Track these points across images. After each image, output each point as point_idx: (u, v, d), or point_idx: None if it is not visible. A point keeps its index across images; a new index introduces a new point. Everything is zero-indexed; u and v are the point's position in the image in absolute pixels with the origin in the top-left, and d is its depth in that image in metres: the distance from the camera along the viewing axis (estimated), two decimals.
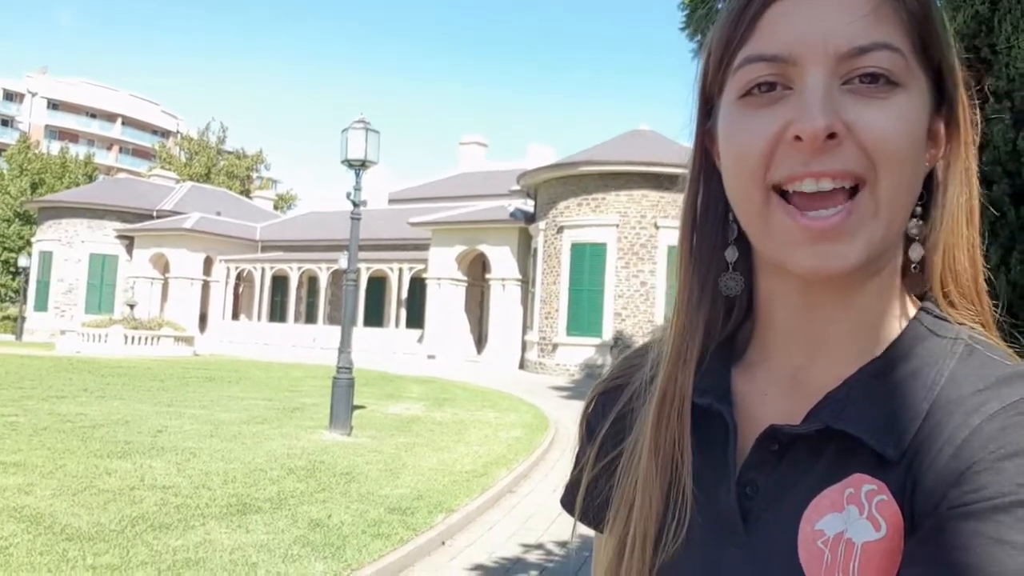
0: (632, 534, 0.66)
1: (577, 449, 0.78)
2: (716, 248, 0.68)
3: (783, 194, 0.58)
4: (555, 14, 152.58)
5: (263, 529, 5.75)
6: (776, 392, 0.66)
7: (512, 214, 27.77)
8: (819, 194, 0.57)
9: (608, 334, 23.59)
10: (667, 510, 0.65)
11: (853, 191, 0.57)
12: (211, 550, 5.19)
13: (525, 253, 27.43)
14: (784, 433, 0.61)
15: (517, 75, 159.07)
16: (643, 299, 23.58)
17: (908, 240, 0.64)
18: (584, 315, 24.01)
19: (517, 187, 28.43)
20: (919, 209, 0.63)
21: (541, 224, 25.60)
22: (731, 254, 0.68)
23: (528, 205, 27.91)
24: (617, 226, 23.74)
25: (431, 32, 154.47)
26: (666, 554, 0.64)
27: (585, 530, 0.78)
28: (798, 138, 0.56)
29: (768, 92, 0.59)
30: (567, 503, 0.77)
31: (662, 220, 23.45)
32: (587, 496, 0.73)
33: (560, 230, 24.64)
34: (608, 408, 0.76)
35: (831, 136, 0.55)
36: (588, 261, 24.05)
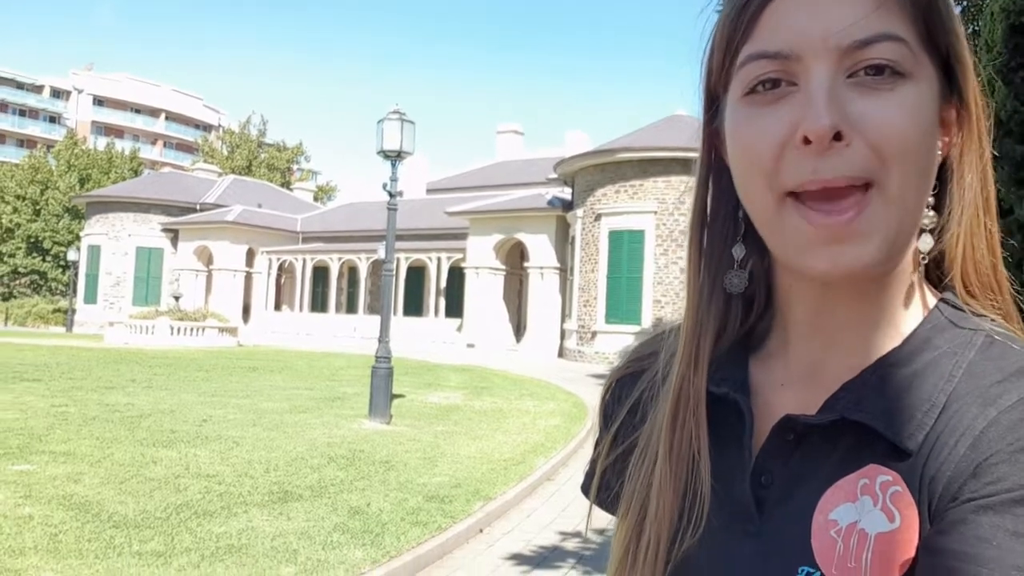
0: (647, 533, 0.66)
1: (597, 436, 0.79)
2: (726, 246, 0.68)
3: (795, 195, 0.57)
4: (591, 0, 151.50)
5: (303, 516, 5.84)
6: (793, 383, 0.66)
7: (550, 202, 27.70)
8: (830, 189, 0.56)
9: (647, 321, 23.45)
10: (683, 510, 0.65)
11: (866, 186, 0.56)
12: (253, 537, 5.29)
13: (563, 241, 27.36)
14: (800, 423, 0.61)
15: (553, 62, 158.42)
16: (682, 286, 23.07)
17: (920, 231, 0.62)
18: (623, 303, 23.92)
19: (554, 175, 28.35)
20: (932, 199, 0.62)
21: (579, 212, 25.51)
22: (738, 251, 0.67)
23: (565, 193, 27.83)
24: (655, 213, 23.57)
25: (467, 21, 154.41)
26: (682, 543, 0.64)
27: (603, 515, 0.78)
28: (807, 140, 0.55)
29: (772, 89, 0.58)
30: (585, 488, 0.78)
31: None
32: (602, 483, 0.75)
33: (598, 218, 24.54)
34: (624, 395, 0.76)
35: (838, 137, 0.54)
36: (626, 248, 23.92)
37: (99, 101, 71.03)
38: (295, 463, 7.68)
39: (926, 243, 0.62)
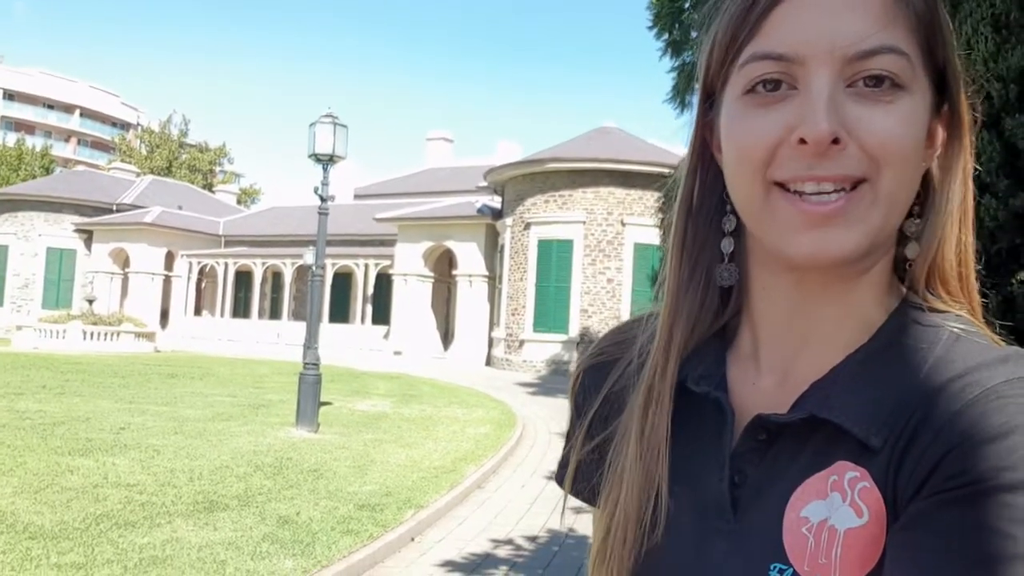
0: (616, 517, 0.67)
1: (568, 426, 0.79)
2: (708, 238, 0.69)
3: (783, 185, 0.59)
4: (523, 11, 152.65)
5: (231, 527, 5.70)
6: (766, 381, 0.67)
7: (479, 210, 27.74)
8: (820, 195, 0.57)
9: (574, 331, 23.67)
10: (650, 497, 0.66)
11: (855, 183, 0.57)
12: (178, 548, 5.13)
13: (492, 250, 27.43)
14: (771, 422, 0.62)
15: (485, 71, 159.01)
16: (609, 296, 23.71)
17: (904, 237, 0.64)
18: (550, 312, 24.09)
19: (484, 183, 28.42)
20: (916, 208, 0.64)
21: (508, 221, 25.61)
22: (727, 245, 0.68)
23: (495, 201, 27.91)
24: (584, 223, 23.85)
25: (399, 26, 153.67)
26: (650, 540, 0.65)
27: (555, 524, 0.79)
28: (802, 141, 0.56)
29: (773, 91, 0.59)
30: (559, 479, 0.78)
31: (628, 217, 23.59)
32: (578, 474, 0.75)
33: (527, 227, 24.68)
34: (595, 385, 0.76)
35: (835, 141, 0.56)
36: (555, 258, 24.12)
37: (9, 95, 67.98)
38: (220, 472, 7.49)
39: (913, 250, 0.64)
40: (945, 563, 0.49)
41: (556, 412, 14.73)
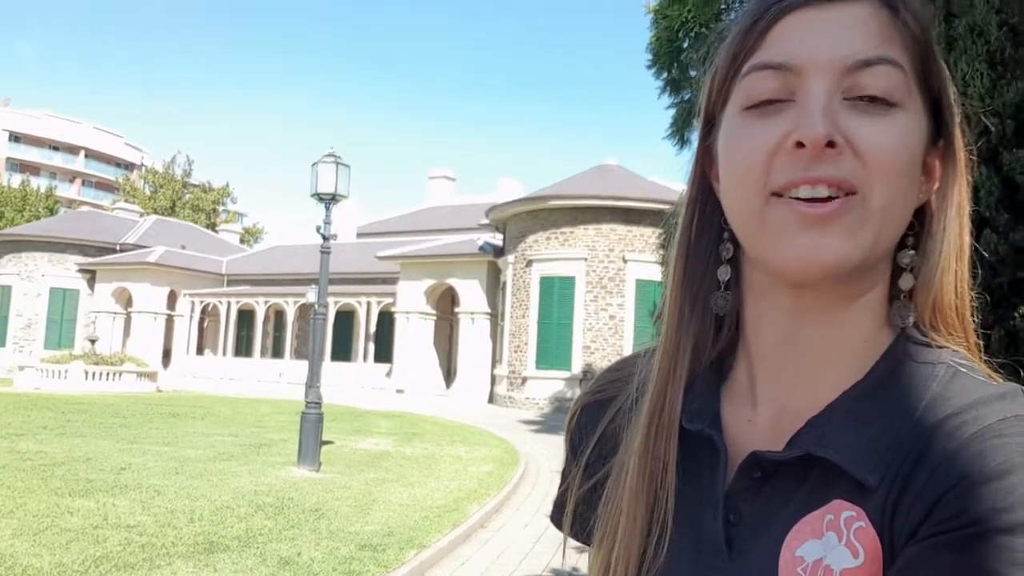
0: (616, 555, 0.66)
1: (563, 465, 0.78)
2: (708, 269, 0.69)
3: (780, 196, 0.59)
4: (524, 49, 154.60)
5: (231, 568, 5.64)
6: (761, 417, 0.66)
7: (481, 248, 27.85)
8: (814, 200, 0.58)
9: (577, 367, 23.61)
10: (651, 533, 0.65)
11: (848, 194, 0.58)
12: None
13: (494, 287, 27.47)
14: (767, 460, 0.61)
15: (487, 109, 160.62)
16: (612, 332, 23.69)
17: (899, 270, 0.64)
18: (553, 348, 24.05)
19: (486, 221, 28.56)
20: (911, 240, 0.64)
21: (510, 258, 25.69)
22: (724, 273, 0.68)
23: (497, 239, 28.02)
24: (586, 259, 23.91)
25: (401, 66, 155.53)
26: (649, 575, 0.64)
27: (559, 564, 0.78)
28: (799, 144, 0.57)
29: (770, 106, 0.60)
30: (556, 520, 0.77)
31: (630, 254, 23.66)
32: (576, 514, 0.74)
33: (529, 264, 24.75)
34: (592, 423, 0.76)
35: (831, 145, 0.56)
36: (557, 294, 24.14)
37: (15, 137, 68.65)
38: (221, 512, 7.43)
39: (907, 282, 0.64)
40: None
41: (559, 450, 14.47)
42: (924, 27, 0.61)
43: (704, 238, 0.70)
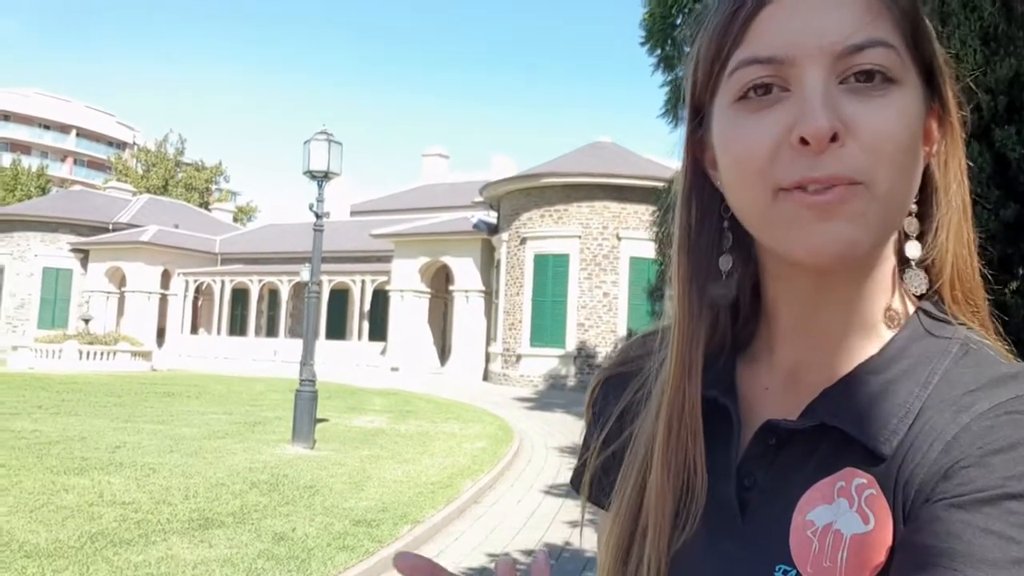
0: (647, 535, 0.67)
1: (584, 432, 0.80)
2: (712, 258, 0.69)
3: (786, 190, 0.59)
4: (518, 26, 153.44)
5: (226, 544, 5.69)
6: (777, 387, 0.68)
7: (475, 226, 27.80)
8: (821, 180, 0.57)
9: (571, 345, 23.68)
10: (678, 512, 0.66)
11: (854, 182, 0.57)
12: (173, 565, 5.12)
13: (488, 265, 27.46)
14: (781, 428, 0.63)
15: (480, 86, 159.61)
16: (606, 309, 23.73)
17: (904, 238, 0.64)
18: (547, 326, 24.09)
19: (480, 199, 28.50)
20: (915, 207, 0.64)
21: (504, 235, 25.66)
22: (724, 263, 0.68)
23: (491, 217, 27.97)
24: (579, 237, 23.90)
25: (394, 44, 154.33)
26: (680, 540, 0.66)
27: (552, 538, 0.80)
28: (803, 141, 0.56)
29: (765, 95, 0.59)
30: (575, 484, 0.79)
31: (624, 231, 23.66)
32: (593, 480, 0.76)
33: (523, 241, 24.73)
34: (613, 395, 0.77)
35: (833, 138, 0.56)
36: (551, 272, 24.15)
37: (5, 116, 68.11)
38: (216, 489, 7.47)
39: (914, 250, 0.64)
40: (949, 565, 0.50)
41: (553, 427, 14.71)
42: None
43: (704, 228, 0.69)
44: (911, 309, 0.65)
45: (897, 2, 0.59)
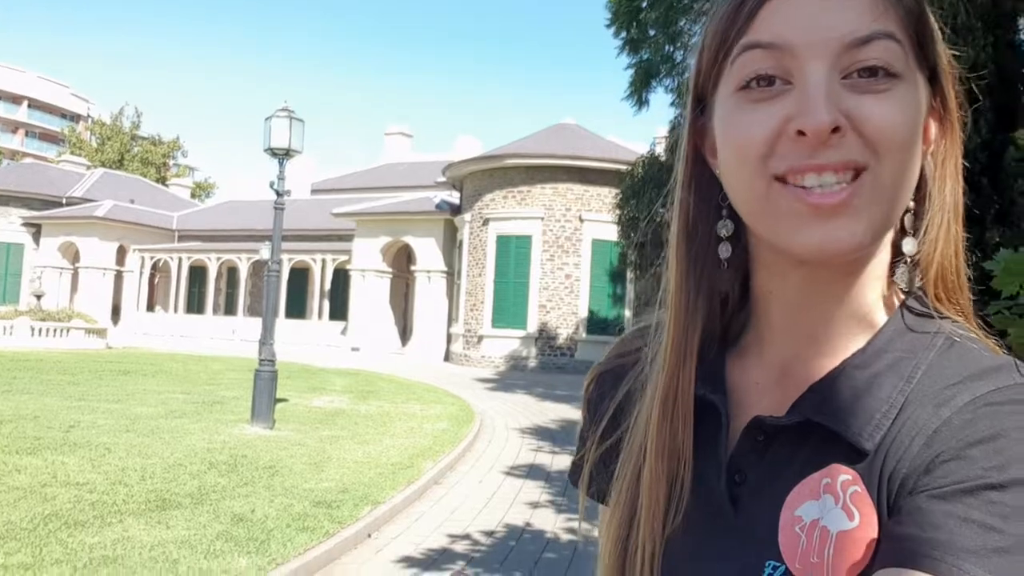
0: (641, 525, 0.68)
1: (580, 427, 0.80)
2: (710, 246, 0.69)
3: (783, 180, 0.59)
4: (481, 6, 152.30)
5: (184, 525, 5.63)
6: (766, 382, 0.68)
7: (438, 206, 27.67)
8: (823, 187, 0.57)
9: (533, 326, 23.76)
10: (670, 500, 0.67)
11: (856, 172, 0.57)
12: (129, 547, 5.06)
13: (451, 245, 27.38)
14: (768, 424, 0.64)
15: (444, 66, 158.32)
16: (568, 291, 23.82)
17: (900, 233, 0.65)
18: (509, 307, 24.12)
19: (443, 179, 28.36)
20: (912, 204, 0.64)
21: (467, 216, 25.58)
22: (724, 251, 0.68)
23: (454, 197, 27.86)
24: (542, 219, 23.91)
25: (357, 19, 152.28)
26: (669, 532, 0.67)
27: (513, 520, 0.80)
28: (801, 133, 0.56)
29: (767, 87, 0.59)
30: (572, 479, 0.80)
31: (587, 213, 23.72)
32: (591, 475, 0.77)
33: (486, 222, 24.68)
34: (610, 389, 0.78)
35: (834, 130, 0.56)
36: (513, 253, 24.15)
37: None
38: (173, 470, 7.38)
39: (910, 246, 0.64)
40: (932, 554, 0.50)
41: (514, 407, 14.77)
42: None
43: (702, 216, 0.69)
44: (897, 304, 0.66)
45: (903, 1, 0.59)
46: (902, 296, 0.66)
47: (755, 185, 0.60)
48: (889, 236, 0.64)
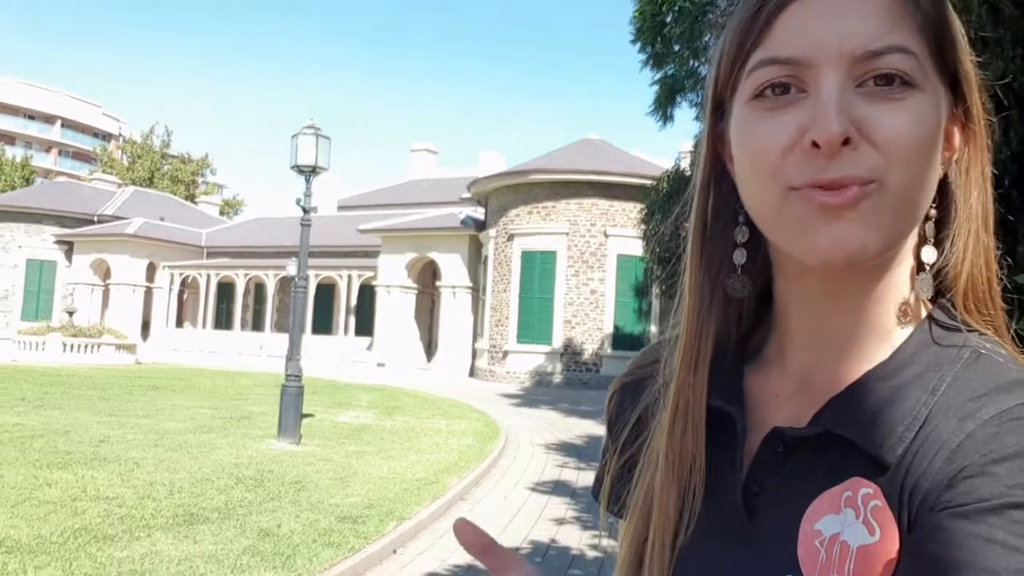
0: (652, 539, 0.68)
1: (604, 442, 0.80)
2: (726, 252, 0.69)
3: (798, 189, 0.58)
4: (507, 22, 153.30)
5: (211, 539, 5.66)
6: (787, 393, 0.67)
7: (463, 221, 27.77)
8: (834, 179, 0.57)
9: (558, 342, 23.72)
10: (681, 511, 0.66)
11: (868, 182, 0.57)
12: (157, 561, 5.09)
13: (475, 261, 27.44)
14: (787, 435, 0.63)
15: (469, 83, 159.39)
16: (592, 307, 23.77)
17: (922, 242, 0.64)
18: (534, 323, 24.11)
19: (468, 195, 28.46)
20: (934, 212, 0.63)
21: (492, 232, 25.64)
22: (739, 257, 0.68)
23: (479, 213, 27.95)
24: (567, 234, 23.92)
25: (383, 37, 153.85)
26: (681, 546, 0.66)
27: (538, 536, 0.79)
28: (815, 144, 0.56)
29: (782, 95, 0.59)
30: (595, 493, 0.79)
31: (611, 228, 23.69)
32: (612, 489, 0.76)
33: (510, 238, 24.72)
34: (629, 402, 0.77)
35: (846, 142, 0.55)
36: (538, 269, 24.17)
37: None
38: (200, 484, 7.44)
39: (930, 255, 0.63)
40: (956, 574, 0.49)
41: (539, 423, 14.73)
42: (937, 2, 0.60)
43: (720, 221, 0.69)
44: (923, 313, 0.64)
45: (920, 8, 0.58)
46: (929, 307, 0.65)
47: (769, 195, 0.60)
48: (912, 244, 0.63)
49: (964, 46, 0.62)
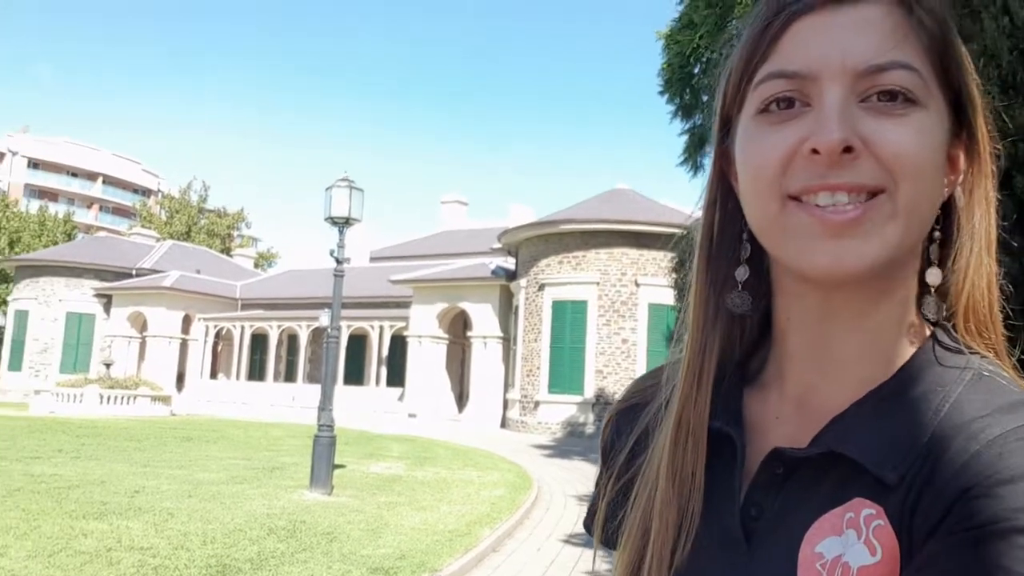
0: (649, 557, 0.67)
1: (598, 472, 0.79)
2: (730, 269, 0.69)
3: (798, 199, 0.59)
4: (536, 74, 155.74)
5: None
6: (787, 414, 0.67)
7: (493, 272, 27.90)
8: (835, 206, 0.58)
9: (590, 391, 23.54)
10: (680, 529, 0.66)
11: (872, 193, 0.57)
12: None
13: (506, 311, 27.48)
14: (788, 456, 0.62)
15: (498, 135, 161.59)
16: (624, 356, 23.62)
17: (926, 264, 0.64)
18: (566, 373, 23.99)
19: (498, 245, 28.64)
20: (938, 234, 0.64)
21: (522, 282, 25.72)
22: (741, 273, 0.68)
23: (509, 263, 28.08)
24: (598, 283, 23.91)
25: (413, 90, 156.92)
26: (673, 568, 0.65)
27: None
28: (815, 151, 0.57)
29: (786, 109, 0.60)
30: (587, 525, 0.78)
31: (642, 278, 23.65)
32: (606, 519, 0.75)
33: (541, 288, 24.76)
34: (625, 429, 0.77)
35: (848, 150, 0.56)
36: (569, 318, 24.13)
37: (34, 164, 69.56)
38: (233, 535, 7.43)
39: (935, 276, 0.63)
40: None
41: (572, 474, 14.56)
42: (941, 21, 0.61)
43: (726, 239, 0.70)
44: (926, 334, 0.64)
45: (926, 28, 0.60)
46: (930, 329, 0.65)
47: (769, 205, 0.60)
48: (915, 265, 0.63)
49: (969, 68, 0.62)
